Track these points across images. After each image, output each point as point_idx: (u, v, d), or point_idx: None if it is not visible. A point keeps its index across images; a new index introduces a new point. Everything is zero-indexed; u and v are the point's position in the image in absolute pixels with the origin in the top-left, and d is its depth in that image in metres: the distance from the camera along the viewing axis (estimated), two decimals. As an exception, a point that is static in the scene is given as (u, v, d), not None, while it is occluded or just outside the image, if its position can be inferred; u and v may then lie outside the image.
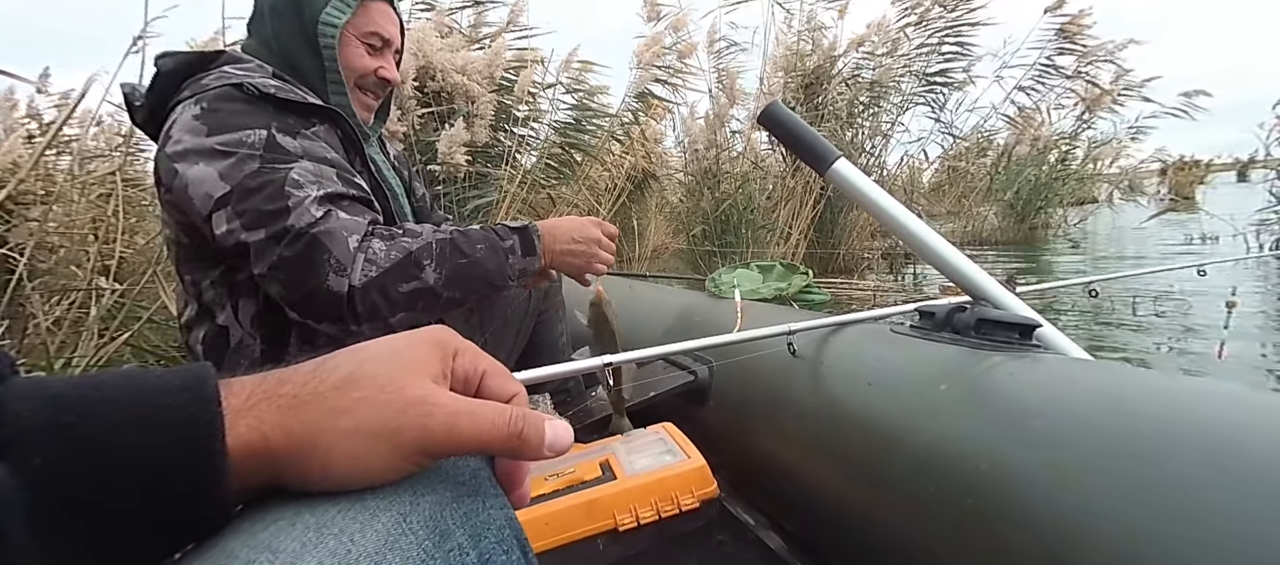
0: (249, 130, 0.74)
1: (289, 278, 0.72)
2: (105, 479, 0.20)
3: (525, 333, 1.18)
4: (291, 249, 0.71)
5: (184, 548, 0.23)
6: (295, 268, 0.71)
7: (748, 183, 3.78)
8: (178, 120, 0.76)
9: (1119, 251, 4.78)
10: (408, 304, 0.75)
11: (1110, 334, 2.09)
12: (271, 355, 0.83)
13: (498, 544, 0.27)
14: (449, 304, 0.79)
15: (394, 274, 0.74)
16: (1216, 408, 0.48)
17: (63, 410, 0.20)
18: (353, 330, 0.74)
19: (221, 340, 0.82)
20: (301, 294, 0.72)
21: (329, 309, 0.72)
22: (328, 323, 0.74)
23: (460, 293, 0.79)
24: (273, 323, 0.82)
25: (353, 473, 0.25)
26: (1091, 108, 5.74)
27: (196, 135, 0.74)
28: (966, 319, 0.73)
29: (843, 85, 4.20)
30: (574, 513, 0.81)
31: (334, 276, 0.71)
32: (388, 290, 0.73)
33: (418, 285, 0.75)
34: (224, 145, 0.73)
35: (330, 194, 0.74)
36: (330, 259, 0.71)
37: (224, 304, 0.82)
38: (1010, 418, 0.57)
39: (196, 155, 0.73)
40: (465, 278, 0.78)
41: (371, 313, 0.73)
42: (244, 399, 0.24)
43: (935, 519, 0.57)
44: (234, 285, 0.81)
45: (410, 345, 0.27)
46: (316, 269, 0.71)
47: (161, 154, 0.77)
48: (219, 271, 0.81)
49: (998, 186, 5.91)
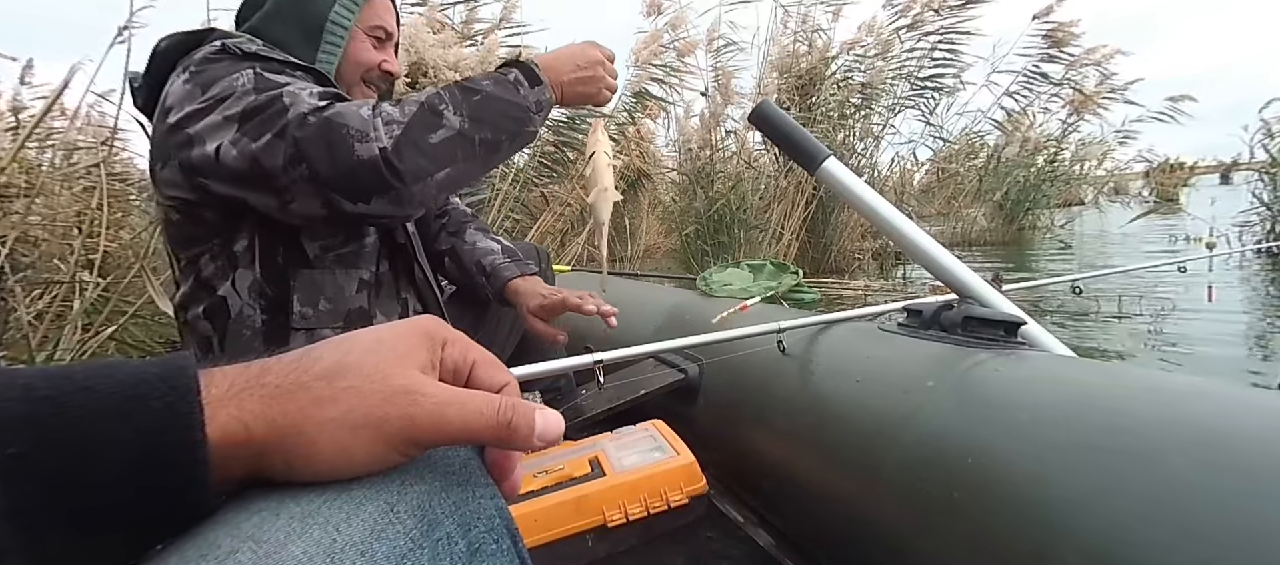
0: (236, 77, 0.73)
1: (315, 162, 0.68)
2: (83, 471, 0.20)
3: (516, 333, 1.18)
4: (303, 131, 0.68)
5: (165, 539, 0.22)
6: (315, 148, 0.68)
7: (741, 182, 3.78)
8: (171, 91, 0.76)
9: (1105, 252, 4.84)
10: (446, 155, 0.72)
11: (1094, 330, 2.12)
12: (273, 324, 0.82)
13: (488, 533, 0.27)
14: (485, 150, 0.76)
15: (418, 126, 0.71)
16: (1197, 403, 0.49)
17: (38, 402, 0.20)
18: (402, 202, 0.71)
19: (221, 312, 0.82)
20: (335, 174, 0.69)
21: (371, 178, 0.69)
22: (378, 198, 0.71)
23: (490, 131, 0.75)
24: (273, 291, 0.82)
25: (338, 463, 0.24)
26: (1078, 111, 5.81)
27: (191, 97, 0.74)
28: (953, 317, 0.74)
29: (836, 86, 4.22)
30: (563, 509, 0.81)
31: (359, 145, 0.68)
32: (419, 143, 0.70)
33: (445, 131, 0.72)
34: (217, 94, 0.73)
35: (326, 93, 0.74)
36: (348, 130, 0.68)
37: (225, 275, 0.81)
38: (996, 413, 0.57)
39: (194, 112, 0.73)
40: (487, 111, 0.75)
41: (415, 172, 0.70)
42: (226, 389, 0.23)
43: (922, 513, 0.58)
44: (232, 256, 0.81)
45: (396, 336, 0.27)
46: (337, 144, 0.68)
47: (159, 127, 0.77)
48: (217, 243, 0.80)
49: (986, 188, 5.97)
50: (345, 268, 0.86)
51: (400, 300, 0.93)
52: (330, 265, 0.85)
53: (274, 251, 0.82)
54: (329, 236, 0.85)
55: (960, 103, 5.33)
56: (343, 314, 0.86)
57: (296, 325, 0.83)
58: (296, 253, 0.83)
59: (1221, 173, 11.25)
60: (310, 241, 0.83)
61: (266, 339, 0.82)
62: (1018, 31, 5.22)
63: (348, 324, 0.86)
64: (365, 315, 0.88)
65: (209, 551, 0.21)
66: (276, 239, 0.82)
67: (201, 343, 0.83)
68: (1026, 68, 5.39)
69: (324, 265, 0.85)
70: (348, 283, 0.86)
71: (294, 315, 0.83)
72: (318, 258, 0.84)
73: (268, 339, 0.82)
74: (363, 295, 0.88)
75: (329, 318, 0.85)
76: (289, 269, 0.83)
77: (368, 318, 0.88)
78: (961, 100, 5.28)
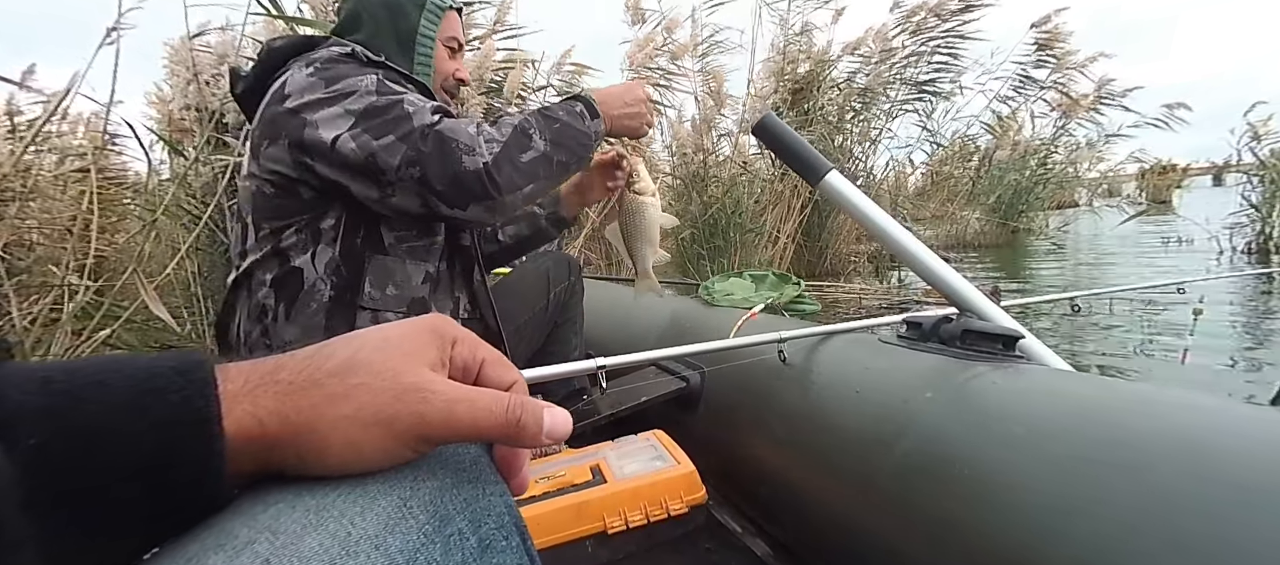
0: (361, 78, 0.82)
1: (430, 169, 0.78)
2: (100, 463, 0.20)
3: (538, 342, 1.20)
4: (425, 144, 0.78)
5: (179, 531, 0.23)
6: (433, 161, 0.78)
7: (735, 186, 3.79)
8: (290, 79, 0.84)
9: (1099, 255, 4.87)
10: (532, 173, 0.82)
11: (1091, 343, 2.13)
12: (339, 301, 0.89)
13: (498, 530, 0.27)
14: (561, 170, 0.87)
15: (514, 145, 0.81)
16: (1190, 419, 0.50)
17: (57, 395, 0.20)
18: (494, 210, 0.81)
19: (294, 281, 0.89)
20: (444, 181, 0.79)
21: (474, 187, 0.79)
22: (475, 206, 0.81)
23: (565, 155, 0.86)
24: (348, 270, 0.90)
25: (349, 459, 0.25)
26: (1068, 114, 5.87)
27: (313, 89, 0.82)
28: (952, 329, 0.75)
29: (834, 90, 4.23)
30: (563, 515, 0.82)
31: (467, 157, 0.78)
32: (515, 160, 0.81)
33: (534, 152, 0.83)
34: (341, 90, 0.82)
35: (436, 108, 0.83)
36: (458, 145, 0.79)
37: (306, 248, 0.89)
38: (992, 425, 0.58)
39: (316, 101, 0.82)
40: (564, 137, 0.86)
41: (509, 184, 0.80)
42: (241, 384, 0.24)
43: (918, 523, 0.59)
44: (317, 232, 0.88)
45: (407, 333, 0.27)
46: (449, 156, 0.78)
47: (272, 109, 0.85)
48: (305, 218, 0.88)
49: (980, 190, 6.01)
50: (415, 260, 0.94)
51: (453, 297, 1.01)
52: (402, 255, 0.93)
53: (355, 233, 0.89)
54: (405, 229, 0.92)
55: (955, 107, 5.37)
56: (406, 301, 0.93)
57: (364, 304, 0.90)
58: (375, 239, 0.91)
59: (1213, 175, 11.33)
60: (388, 231, 0.91)
61: (330, 314, 0.89)
62: (1015, 37, 5.26)
63: (409, 311, 0.94)
64: (424, 305, 0.96)
65: (227, 541, 0.21)
66: (359, 223, 0.89)
67: (255, 311, 0.89)
68: (1015, 73, 5.48)
69: (397, 254, 0.92)
70: (415, 273, 0.94)
71: (363, 295, 0.90)
72: (392, 246, 0.92)
73: (331, 314, 0.89)
74: (426, 287, 0.95)
75: (394, 303, 0.92)
76: (366, 252, 0.90)
77: (426, 308, 0.96)
78: (956, 104, 5.32)
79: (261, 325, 0.89)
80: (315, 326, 0.88)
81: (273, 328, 0.89)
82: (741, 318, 1.11)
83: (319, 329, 0.88)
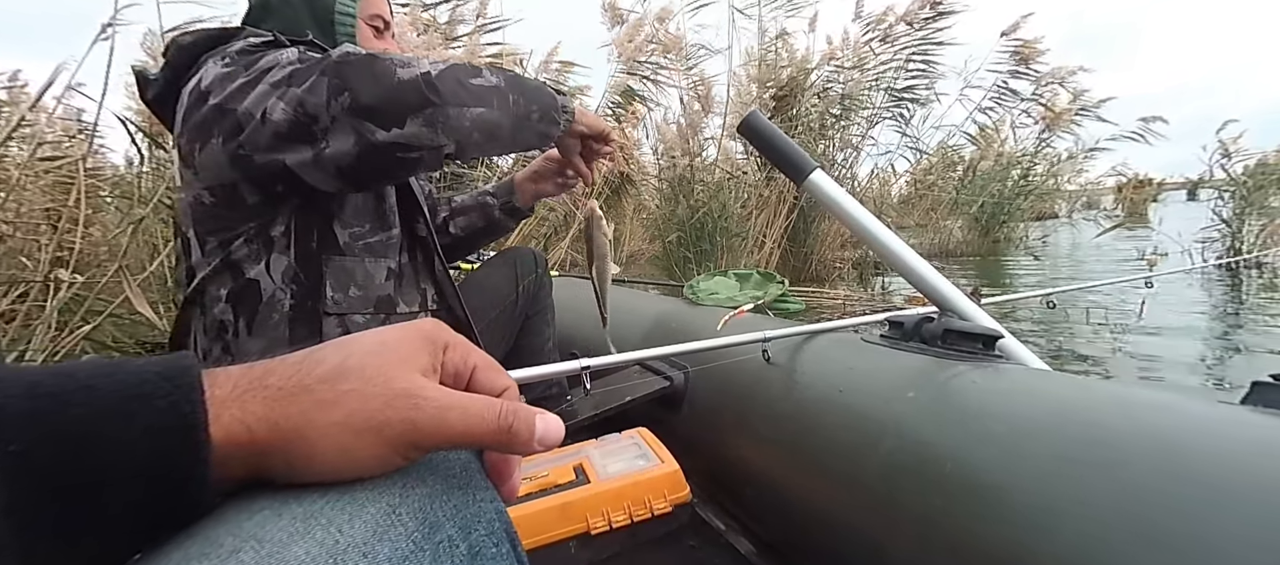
0: (281, 53, 0.75)
1: (357, 86, 0.69)
2: (85, 468, 0.20)
3: (510, 337, 1.19)
4: (349, 68, 0.69)
5: (163, 538, 0.22)
6: (363, 80, 0.69)
7: (722, 190, 3.81)
8: (206, 75, 0.76)
9: (1076, 264, 4.97)
10: (483, 97, 0.74)
11: (1066, 341, 2.18)
12: (301, 309, 0.84)
13: (488, 537, 0.27)
14: (516, 115, 0.77)
15: (459, 68, 0.74)
16: (1164, 418, 0.51)
17: (41, 398, 0.20)
18: (436, 124, 0.71)
19: (251, 294, 0.83)
20: (377, 94, 0.69)
21: (410, 96, 0.70)
22: (413, 119, 0.70)
23: (524, 100, 0.78)
24: (306, 276, 0.85)
25: (340, 465, 0.24)
26: (1050, 127, 5.97)
27: (233, 77, 0.74)
28: (934, 329, 0.76)
29: (816, 97, 4.27)
30: (547, 515, 0.81)
31: (402, 69, 0.70)
32: (460, 79, 0.73)
33: (484, 81, 0.75)
34: (262, 67, 0.73)
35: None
36: (391, 60, 0.71)
37: (258, 258, 0.83)
38: (973, 424, 0.59)
39: (239, 88, 0.73)
40: (523, 86, 0.78)
41: (453, 96, 0.71)
42: (229, 389, 0.23)
43: (902, 521, 0.59)
44: (268, 240, 0.83)
45: (399, 339, 0.27)
46: (381, 71, 0.70)
47: (196, 112, 0.76)
48: (253, 227, 0.82)
49: (963, 200, 6.09)
50: (374, 257, 0.90)
51: (420, 290, 0.98)
52: (360, 253, 0.89)
53: (308, 237, 0.85)
54: (359, 225, 0.88)
55: (936, 116, 5.46)
56: (372, 300, 0.90)
57: (329, 310, 0.86)
58: (329, 239, 0.86)
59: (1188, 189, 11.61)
60: (342, 229, 0.87)
61: (293, 323, 0.84)
62: (988, 46, 5.34)
63: (377, 310, 0.90)
64: (391, 302, 0.92)
65: (211, 550, 0.21)
66: (311, 225, 0.85)
67: (213, 327, 0.84)
68: (996, 84, 5.55)
69: (354, 253, 0.88)
70: (376, 270, 0.91)
71: (326, 300, 0.86)
72: (347, 245, 0.88)
73: (294, 323, 0.84)
74: (390, 284, 0.92)
75: (360, 303, 0.88)
76: (322, 255, 0.86)
77: (393, 304, 0.93)
78: (937, 113, 5.40)
79: (221, 342, 0.84)
80: (279, 339, 0.83)
81: (234, 343, 0.83)
82: (725, 316, 1.12)
83: (283, 341, 0.83)
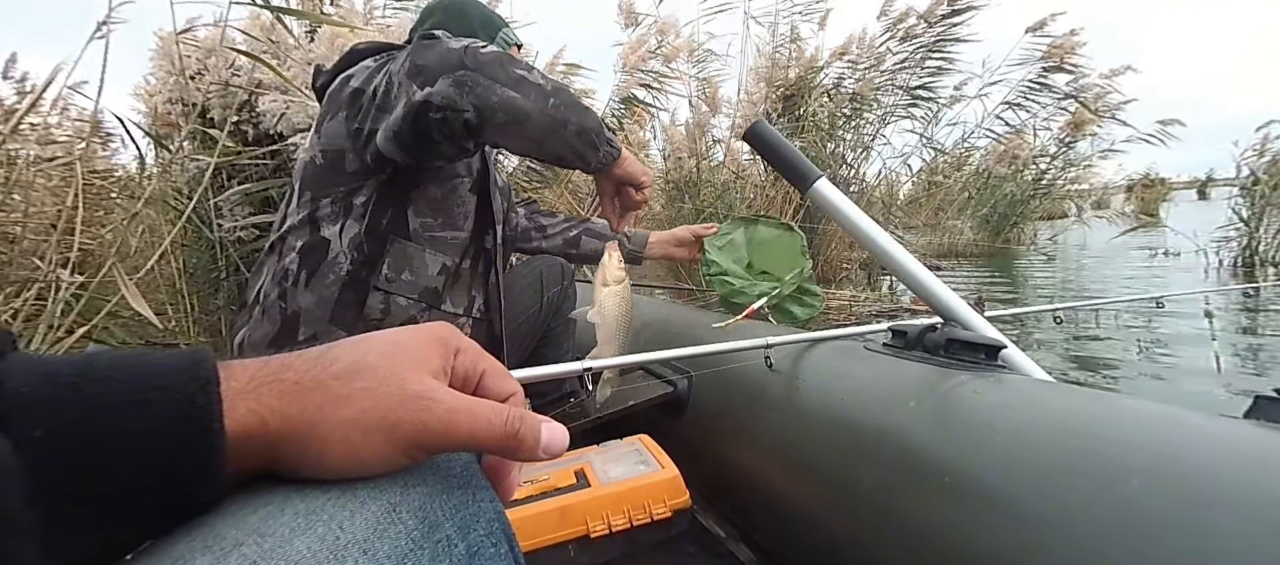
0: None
1: (417, 53, 0.81)
2: (102, 456, 0.20)
3: (529, 345, 1.20)
4: (424, 41, 0.85)
5: (176, 524, 0.23)
6: (423, 46, 0.82)
7: (728, 191, 3.80)
8: (358, 70, 0.91)
9: (1091, 268, 4.89)
10: (519, 86, 0.80)
11: (1072, 354, 2.15)
12: (356, 278, 0.91)
13: (486, 537, 0.27)
14: (551, 119, 0.82)
15: (510, 59, 0.82)
16: (1164, 431, 0.50)
17: (60, 387, 0.20)
18: (463, 87, 0.78)
19: (319, 250, 0.91)
20: (429, 59, 0.80)
21: (449, 59, 0.79)
22: (444, 77, 0.79)
23: (562, 109, 0.82)
24: (369, 248, 0.92)
25: (348, 462, 0.25)
26: (1079, 128, 5.73)
27: (374, 71, 0.89)
28: (936, 339, 0.75)
29: (825, 97, 4.24)
30: (547, 518, 0.82)
31: (454, 43, 0.82)
32: (505, 64, 0.81)
33: (527, 76, 0.81)
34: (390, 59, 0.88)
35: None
36: (449, 39, 0.85)
37: (336, 220, 0.91)
38: (973, 434, 0.58)
39: (371, 72, 0.89)
40: (566, 96, 0.84)
41: (488, 69, 0.79)
42: (245, 382, 0.24)
43: (899, 531, 0.59)
44: (349, 206, 0.91)
45: (412, 340, 0.28)
46: (439, 44, 0.82)
47: (340, 89, 0.91)
48: (342, 190, 0.91)
49: (975, 201, 6.02)
50: (435, 250, 0.96)
51: (469, 295, 1.03)
52: (424, 242, 0.95)
53: (382, 214, 0.92)
54: (430, 216, 0.95)
55: (953, 114, 5.26)
56: (419, 288, 0.95)
57: (378, 285, 0.92)
58: (400, 222, 0.93)
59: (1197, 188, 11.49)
60: (415, 216, 0.94)
61: (345, 287, 0.91)
62: (1010, 43, 5.13)
63: (422, 299, 0.95)
64: (437, 296, 0.97)
65: (215, 543, 0.21)
66: (387, 203, 0.92)
67: (279, 274, 0.92)
68: (1027, 78, 5.06)
69: (419, 241, 0.94)
70: (433, 263, 0.96)
71: (380, 276, 0.92)
72: (416, 233, 0.94)
73: (346, 287, 0.91)
74: (441, 278, 0.97)
75: (408, 288, 0.94)
76: (389, 234, 0.93)
77: (439, 299, 0.97)
78: (955, 111, 5.22)
79: (280, 288, 0.91)
80: (329, 298, 0.90)
81: (291, 293, 0.91)
82: (730, 321, 1.11)
83: (332, 301, 0.90)
